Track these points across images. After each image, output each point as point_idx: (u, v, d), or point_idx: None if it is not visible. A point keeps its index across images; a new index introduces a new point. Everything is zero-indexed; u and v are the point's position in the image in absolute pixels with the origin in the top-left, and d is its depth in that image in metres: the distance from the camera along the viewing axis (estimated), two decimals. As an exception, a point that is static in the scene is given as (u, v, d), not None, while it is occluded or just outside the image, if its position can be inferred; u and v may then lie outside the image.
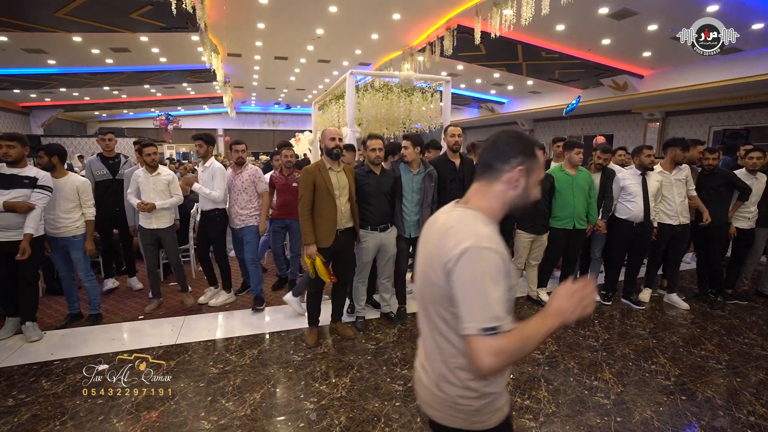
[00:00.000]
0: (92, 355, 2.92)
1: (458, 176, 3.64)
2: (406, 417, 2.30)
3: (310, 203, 2.94)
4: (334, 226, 2.99)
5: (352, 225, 3.16)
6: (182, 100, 17.60)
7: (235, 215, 3.76)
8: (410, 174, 3.42)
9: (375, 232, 3.27)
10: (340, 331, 3.32)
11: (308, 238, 2.93)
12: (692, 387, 2.67)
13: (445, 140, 3.64)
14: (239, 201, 3.74)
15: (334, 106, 7.07)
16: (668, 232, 3.84)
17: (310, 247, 2.93)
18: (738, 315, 3.85)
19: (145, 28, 8.27)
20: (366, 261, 3.34)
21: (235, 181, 3.74)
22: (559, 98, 13.12)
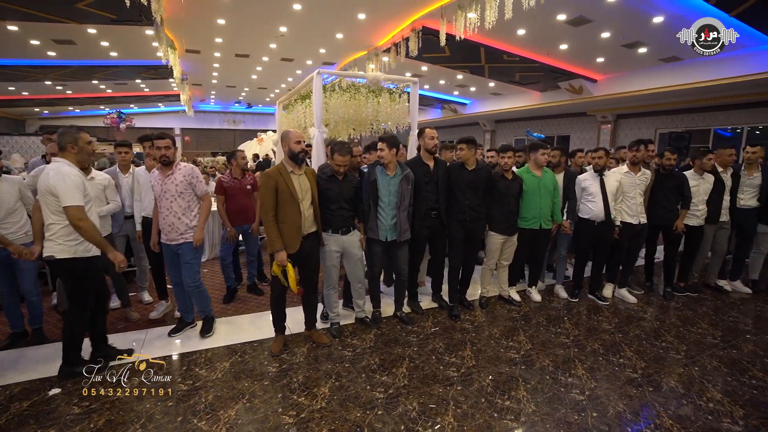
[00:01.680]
0: (40, 379, 2.66)
1: (432, 179, 3.62)
2: (390, 426, 2.26)
3: (273, 208, 2.83)
4: (299, 232, 2.91)
5: (316, 229, 3.09)
6: (135, 97, 16.64)
7: (170, 228, 3.07)
8: (387, 177, 3.37)
9: (336, 235, 3.23)
10: (316, 338, 3.21)
11: (277, 245, 2.81)
12: (657, 378, 2.82)
13: (422, 143, 3.63)
14: (174, 209, 3.06)
15: (300, 105, 6.91)
16: (629, 231, 4.05)
17: (280, 254, 2.82)
18: (691, 307, 4.13)
19: (94, 19, 7.69)
20: (331, 265, 3.28)
21: (166, 186, 3.06)
22: (519, 100, 13.58)
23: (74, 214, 2.42)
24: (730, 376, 2.85)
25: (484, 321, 3.72)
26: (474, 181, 3.64)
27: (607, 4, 6.38)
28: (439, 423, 2.29)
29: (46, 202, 2.47)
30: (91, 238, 2.52)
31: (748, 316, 3.94)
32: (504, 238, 3.86)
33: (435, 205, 3.62)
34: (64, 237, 2.50)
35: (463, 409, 2.42)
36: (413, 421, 2.30)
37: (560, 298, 4.28)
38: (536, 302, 4.17)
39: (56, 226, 2.49)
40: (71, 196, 2.43)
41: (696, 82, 8.65)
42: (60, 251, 2.50)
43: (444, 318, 3.76)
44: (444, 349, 3.15)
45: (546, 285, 4.60)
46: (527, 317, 3.82)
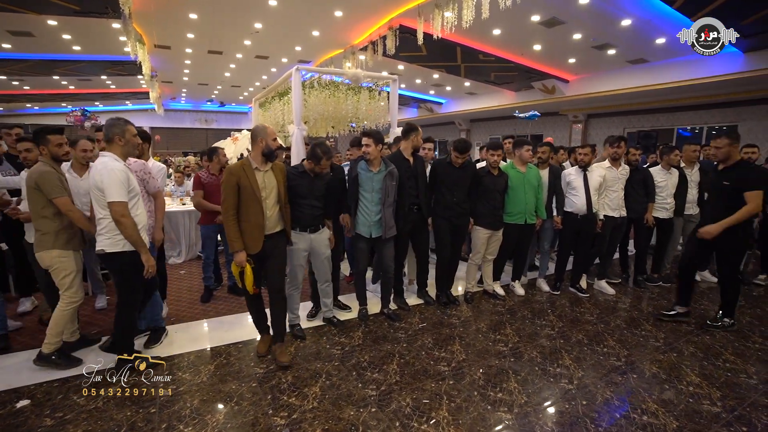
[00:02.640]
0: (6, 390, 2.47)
1: (413, 174, 3.64)
2: (385, 422, 2.23)
3: (234, 206, 2.65)
4: (262, 231, 2.73)
5: (282, 228, 2.90)
6: (101, 94, 15.89)
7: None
8: (370, 173, 3.34)
9: (305, 234, 3.11)
10: (277, 355, 2.83)
11: (236, 245, 2.65)
12: (640, 365, 2.91)
13: (414, 141, 3.65)
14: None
15: (278, 103, 6.77)
16: (610, 224, 4.18)
17: (239, 255, 2.66)
18: (665, 296, 4.30)
19: (54, 9, 7.28)
20: (297, 264, 3.14)
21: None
22: (494, 99, 13.82)
23: (117, 210, 2.44)
24: (705, 361, 2.98)
25: (470, 316, 3.74)
26: (461, 177, 3.68)
27: (579, 6, 6.58)
28: (434, 418, 2.28)
29: (96, 197, 2.49)
30: (129, 236, 2.48)
31: (716, 303, 4.12)
32: (489, 232, 3.90)
33: (416, 200, 3.65)
34: (113, 231, 2.50)
35: (457, 403, 2.42)
36: (408, 417, 2.28)
37: (543, 292, 4.37)
38: (520, 296, 4.24)
39: (105, 220, 2.49)
40: (115, 192, 2.43)
41: (660, 84, 9.05)
42: (109, 245, 2.51)
43: (431, 314, 3.76)
44: (433, 345, 3.15)
45: (528, 279, 4.68)
46: (512, 311, 3.87)
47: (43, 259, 2.70)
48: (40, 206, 2.68)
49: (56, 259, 2.70)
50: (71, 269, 2.73)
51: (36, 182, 2.63)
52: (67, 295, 2.70)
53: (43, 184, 2.63)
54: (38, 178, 2.64)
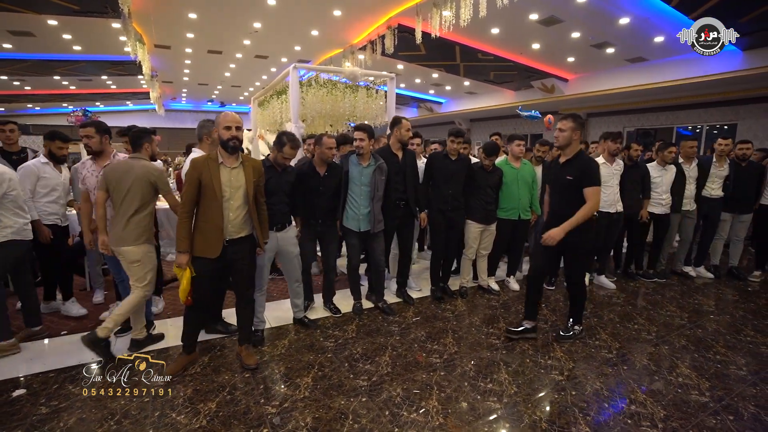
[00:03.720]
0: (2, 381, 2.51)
1: (401, 169, 3.61)
2: (375, 411, 2.25)
3: (192, 203, 2.43)
4: (221, 234, 2.47)
5: (248, 233, 2.61)
6: (101, 94, 15.97)
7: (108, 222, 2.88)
8: (360, 167, 3.35)
9: (271, 233, 2.95)
10: (243, 357, 2.72)
11: (181, 245, 2.41)
12: (631, 357, 2.92)
13: (397, 134, 3.62)
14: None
15: (276, 101, 6.81)
16: (605, 220, 4.19)
17: (181, 256, 2.42)
18: (659, 292, 4.31)
19: (54, 9, 7.34)
20: (261, 265, 2.94)
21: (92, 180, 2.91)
22: (493, 99, 13.85)
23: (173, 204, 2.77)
24: (696, 353, 2.99)
25: (464, 310, 3.76)
26: (457, 170, 3.70)
27: (577, 4, 6.60)
28: (424, 407, 2.30)
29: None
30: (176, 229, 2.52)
31: (711, 299, 4.15)
32: (482, 227, 3.92)
33: (403, 195, 3.62)
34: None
35: (447, 393, 2.44)
36: (398, 406, 2.30)
37: (537, 287, 4.38)
38: (515, 291, 4.25)
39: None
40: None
41: (659, 82, 9.06)
42: None
43: (425, 307, 3.78)
44: (426, 338, 3.17)
45: (523, 275, 4.70)
46: (506, 305, 3.89)
47: (133, 254, 2.68)
48: (144, 201, 2.71)
49: (147, 254, 2.74)
50: (153, 264, 2.81)
51: (157, 179, 2.72)
52: (145, 289, 2.75)
53: (162, 180, 2.75)
54: (159, 175, 2.74)
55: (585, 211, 2.81)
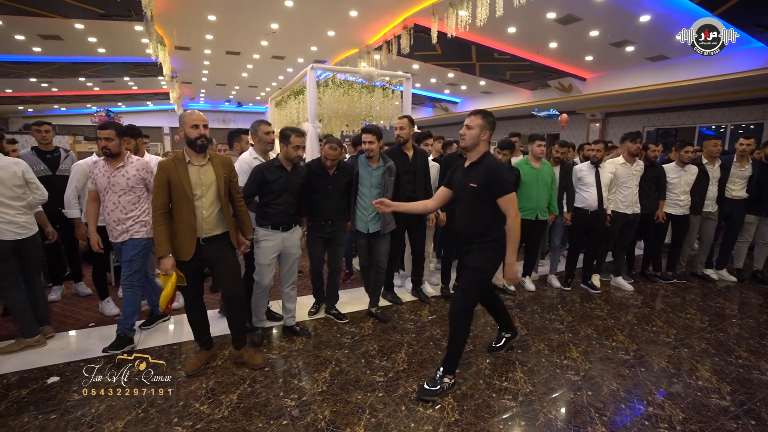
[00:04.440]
0: (38, 368, 2.63)
1: (411, 169, 3.58)
2: (391, 406, 2.29)
3: (164, 206, 2.39)
4: (194, 234, 2.42)
5: (223, 231, 2.56)
6: (123, 95, 16.41)
7: (115, 224, 2.83)
8: (369, 168, 3.28)
9: (276, 232, 2.91)
10: (247, 359, 2.70)
11: (161, 249, 2.36)
12: (649, 360, 2.90)
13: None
14: (122, 204, 2.82)
15: (293, 101, 6.92)
16: (622, 220, 4.15)
17: (165, 261, 2.35)
18: (679, 294, 4.24)
19: (81, 13, 7.59)
20: (264, 264, 2.91)
21: (115, 179, 2.81)
22: (509, 98, 13.73)
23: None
24: (717, 357, 2.95)
25: (479, 309, 3.75)
26: None
27: (596, 2, 6.51)
28: (440, 404, 2.33)
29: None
30: None
31: (734, 303, 4.07)
32: (499, 227, 3.91)
33: (413, 195, 3.56)
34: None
35: (463, 390, 2.47)
36: (414, 401, 2.34)
37: (553, 287, 4.37)
38: (530, 291, 4.24)
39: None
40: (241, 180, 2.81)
41: (681, 81, 8.85)
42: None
43: (440, 306, 3.81)
44: (441, 336, 3.20)
45: (539, 275, 4.68)
46: (522, 305, 3.89)
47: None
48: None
49: None
50: None
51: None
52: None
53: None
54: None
55: (513, 228, 2.31)
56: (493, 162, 2.37)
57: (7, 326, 3.20)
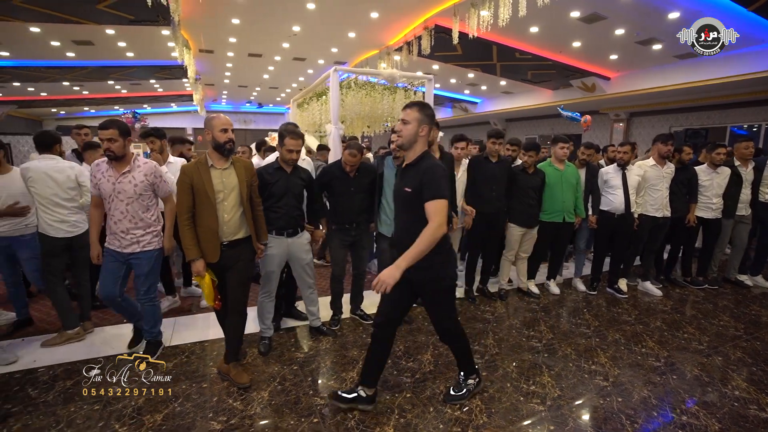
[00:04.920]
0: (80, 361, 2.75)
1: None
2: (419, 408, 2.31)
3: (189, 210, 2.38)
4: (217, 238, 2.43)
5: (245, 235, 2.55)
6: (149, 97, 16.89)
7: (123, 234, 2.59)
8: (395, 170, 3.16)
9: (281, 238, 2.83)
10: (233, 376, 2.52)
11: (192, 253, 2.38)
12: (681, 367, 2.83)
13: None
14: (130, 213, 2.58)
15: (315, 103, 7.00)
16: (650, 224, 4.06)
17: (197, 263, 2.39)
18: (711, 300, 4.12)
19: (112, 20, 7.85)
20: (270, 270, 2.86)
21: (121, 185, 2.55)
22: (530, 98, 13.56)
23: None
24: (755, 366, 2.86)
25: (504, 312, 3.76)
26: (498, 172, 3.69)
27: (622, 0, 6.37)
28: (467, 405, 2.34)
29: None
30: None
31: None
32: (523, 230, 3.89)
33: None
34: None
35: (490, 393, 2.47)
36: (441, 403, 2.36)
37: (578, 291, 4.31)
38: (555, 295, 4.19)
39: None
40: None
41: (713, 79, 8.57)
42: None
43: (464, 308, 3.81)
44: (466, 338, 3.20)
45: (563, 279, 4.62)
46: (546, 309, 3.85)
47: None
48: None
49: None
50: None
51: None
52: None
53: None
54: None
55: (426, 236, 1.92)
56: (431, 163, 2.03)
57: (52, 321, 3.35)
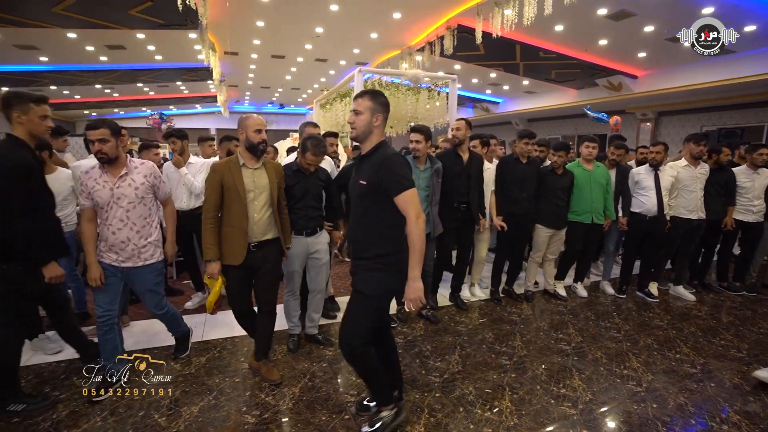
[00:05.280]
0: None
1: (465, 172, 3.52)
2: (449, 407, 2.31)
3: (216, 208, 2.35)
4: (245, 238, 2.37)
5: (274, 236, 2.51)
6: (175, 99, 17.37)
7: (123, 245, 2.34)
8: (417, 170, 3.21)
9: (300, 237, 2.82)
10: (264, 372, 2.57)
11: (210, 253, 2.33)
12: (718, 375, 2.74)
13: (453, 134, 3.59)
14: (132, 221, 2.35)
15: (339, 104, 7.08)
16: (684, 226, 3.94)
17: (213, 265, 2.34)
18: (749, 307, 3.97)
19: (143, 24, 8.12)
20: (292, 270, 2.87)
21: (121, 189, 2.32)
22: (553, 98, 13.32)
23: None
24: (798, 375, 2.74)
25: (530, 314, 3.71)
26: (528, 173, 3.66)
27: (653, -4, 6.21)
28: (497, 407, 2.33)
29: None
30: None
31: (813, 317, 3.76)
32: (551, 231, 3.84)
33: (466, 198, 3.52)
34: None
35: (520, 395, 2.45)
36: (471, 404, 2.35)
37: (607, 294, 4.22)
38: (582, 297, 4.12)
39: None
40: None
41: (750, 76, 8.21)
42: None
43: (491, 310, 3.78)
44: (494, 339, 3.18)
45: (590, 282, 4.54)
46: (574, 311, 3.79)
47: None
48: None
49: None
50: None
51: None
52: None
53: None
54: None
55: (412, 233, 1.79)
56: (386, 153, 1.88)
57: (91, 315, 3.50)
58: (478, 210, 3.63)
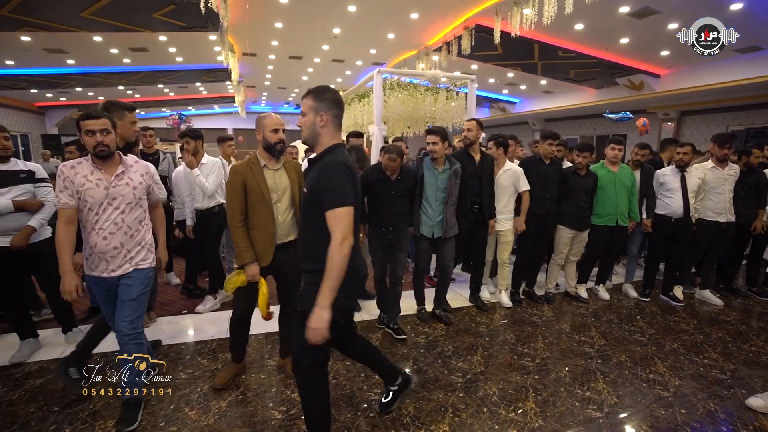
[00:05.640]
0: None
1: (477, 172, 3.48)
2: (473, 407, 2.32)
3: (241, 211, 2.30)
4: (272, 240, 2.34)
5: (296, 238, 2.43)
6: (194, 99, 17.71)
7: (116, 252, 2.08)
8: (435, 172, 3.19)
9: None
10: (289, 370, 2.56)
11: (246, 255, 2.28)
12: (750, 382, 2.68)
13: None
14: (127, 224, 2.11)
15: (357, 104, 7.12)
16: (712, 229, 3.86)
17: (251, 267, 2.29)
18: (779, 311, 3.87)
19: (165, 27, 8.31)
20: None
21: (117, 189, 2.08)
22: (572, 98, 13.14)
23: None
24: (834, 384, 2.66)
25: (552, 316, 3.68)
26: (551, 173, 3.64)
27: (678, -8, 6.07)
28: (522, 408, 2.32)
29: None
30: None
31: None
32: (573, 233, 3.80)
33: (478, 199, 3.49)
34: None
35: (544, 397, 2.44)
36: (495, 404, 2.35)
37: (630, 298, 4.15)
38: (604, 300, 4.06)
39: None
40: None
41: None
42: None
43: (512, 311, 3.76)
44: (515, 340, 3.17)
45: (613, 284, 4.47)
46: (597, 314, 3.74)
47: None
48: None
49: None
50: None
51: None
52: None
53: None
54: None
55: (331, 259, 1.56)
56: (332, 160, 1.68)
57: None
58: (490, 212, 3.60)
